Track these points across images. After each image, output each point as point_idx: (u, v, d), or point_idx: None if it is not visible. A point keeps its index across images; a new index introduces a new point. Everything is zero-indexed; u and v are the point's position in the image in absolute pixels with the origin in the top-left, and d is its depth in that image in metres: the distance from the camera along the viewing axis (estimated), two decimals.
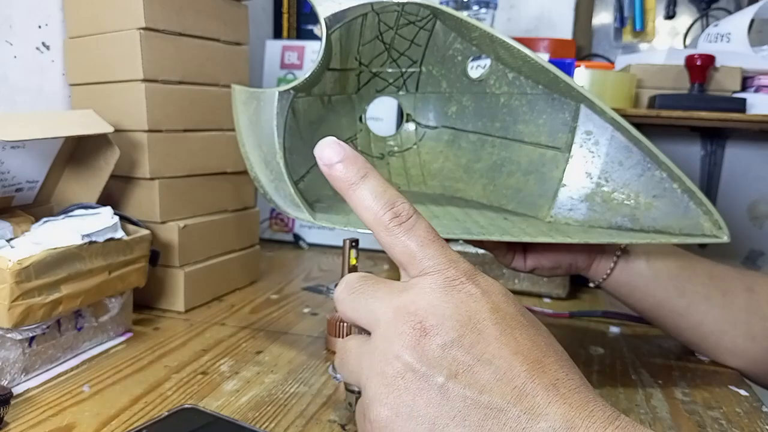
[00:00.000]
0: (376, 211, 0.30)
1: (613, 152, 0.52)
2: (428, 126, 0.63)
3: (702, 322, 0.55)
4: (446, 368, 0.26)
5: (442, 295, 0.28)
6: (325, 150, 0.31)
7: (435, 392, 0.26)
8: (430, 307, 0.28)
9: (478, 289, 0.28)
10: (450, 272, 0.28)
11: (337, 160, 0.30)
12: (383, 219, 0.29)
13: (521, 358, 0.27)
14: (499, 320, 0.28)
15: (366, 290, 0.30)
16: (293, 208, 0.48)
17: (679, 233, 0.50)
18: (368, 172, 0.30)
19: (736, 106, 0.92)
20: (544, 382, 0.26)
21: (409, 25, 0.56)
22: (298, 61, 1.05)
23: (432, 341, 0.27)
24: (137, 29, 0.62)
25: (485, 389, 0.26)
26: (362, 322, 0.30)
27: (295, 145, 0.53)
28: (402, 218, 0.29)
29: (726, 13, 1.27)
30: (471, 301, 0.28)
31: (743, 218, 1.27)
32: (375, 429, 0.28)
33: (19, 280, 0.45)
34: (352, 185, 0.30)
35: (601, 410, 0.26)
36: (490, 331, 0.27)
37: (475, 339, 0.27)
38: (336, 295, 0.32)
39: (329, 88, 0.58)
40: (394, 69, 0.61)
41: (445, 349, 0.27)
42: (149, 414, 0.44)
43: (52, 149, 0.60)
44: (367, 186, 0.30)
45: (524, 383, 0.26)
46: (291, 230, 1.04)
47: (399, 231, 0.29)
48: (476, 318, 0.27)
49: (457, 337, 0.27)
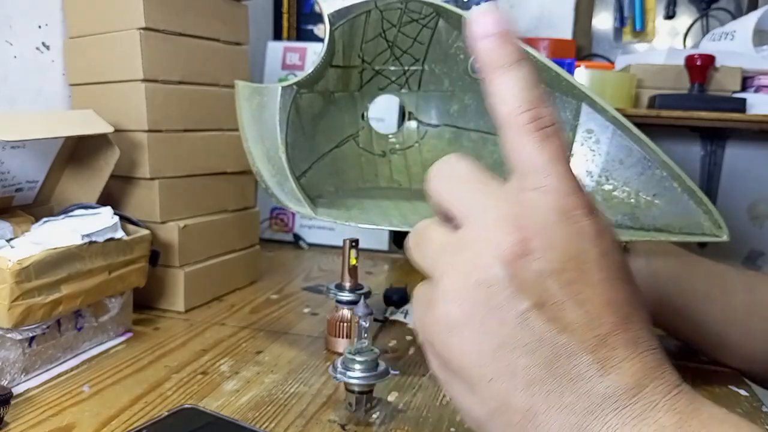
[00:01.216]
0: (517, 105, 0.26)
1: (613, 151, 0.52)
2: (430, 124, 0.63)
3: (701, 322, 0.54)
4: (536, 295, 0.25)
5: (557, 222, 0.26)
6: (481, 17, 0.27)
7: (514, 315, 0.25)
8: (542, 228, 0.25)
9: (594, 227, 0.26)
10: (571, 199, 0.26)
11: (494, 32, 0.26)
12: (522, 117, 0.26)
13: (613, 309, 0.26)
14: (605, 266, 0.26)
15: (475, 179, 0.28)
16: (295, 203, 0.49)
17: (678, 232, 0.50)
18: (524, 59, 0.26)
19: (736, 106, 0.92)
20: (626, 338, 0.25)
21: (412, 22, 0.56)
22: (299, 62, 1.05)
23: (531, 264, 0.25)
24: (137, 29, 0.62)
25: (567, 329, 0.25)
26: (457, 210, 0.28)
27: (298, 141, 0.53)
28: (542, 123, 0.26)
29: (726, 13, 1.27)
30: (584, 237, 0.26)
31: (743, 218, 1.27)
32: (440, 324, 0.26)
33: (19, 280, 0.45)
34: (502, 67, 0.26)
35: (671, 374, 0.26)
36: (592, 274, 0.26)
37: (576, 276, 0.25)
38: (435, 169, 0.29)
39: (332, 84, 0.58)
40: (396, 67, 0.61)
41: (541, 276, 0.25)
42: (149, 414, 0.44)
43: (52, 149, 0.60)
44: (518, 74, 0.26)
45: (608, 334, 0.25)
46: (291, 230, 1.04)
47: (534, 135, 0.26)
48: (583, 257, 0.26)
49: (559, 269, 0.25)
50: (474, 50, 0.27)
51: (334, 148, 0.60)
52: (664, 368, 0.26)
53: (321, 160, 0.57)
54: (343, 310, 0.57)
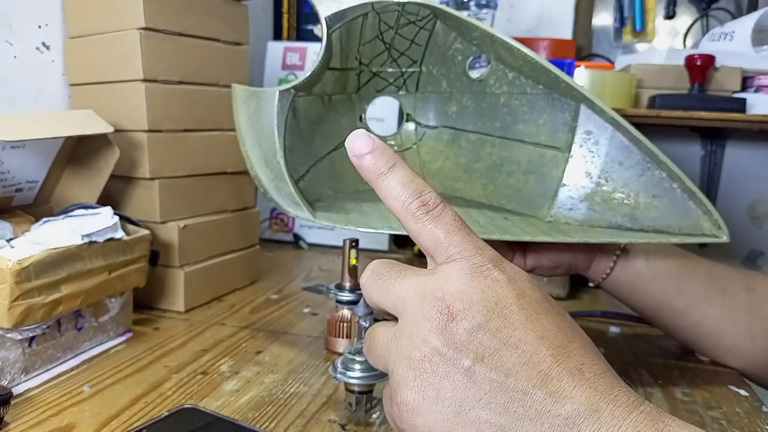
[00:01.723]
0: (404, 199, 0.30)
1: (613, 152, 0.52)
2: (428, 126, 0.63)
3: (701, 322, 0.55)
4: (473, 352, 0.27)
5: (469, 281, 0.28)
6: (355, 141, 0.31)
7: (462, 375, 0.27)
8: (457, 292, 0.28)
9: (504, 275, 0.29)
10: (477, 258, 0.29)
11: (367, 151, 0.30)
12: (411, 207, 0.30)
13: (547, 343, 0.27)
14: (525, 306, 0.28)
15: (393, 276, 0.30)
16: (293, 207, 0.48)
17: (678, 233, 0.50)
18: (396, 163, 0.30)
19: (736, 106, 0.92)
20: (569, 367, 0.27)
21: (409, 24, 0.56)
22: (299, 62, 1.05)
23: (459, 325, 0.27)
24: (137, 29, 0.62)
25: (511, 372, 0.26)
26: (389, 308, 0.30)
27: (296, 144, 0.53)
28: (429, 206, 0.30)
29: (726, 13, 1.27)
30: (497, 286, 0.28)
31: (743, 218, 1.27)
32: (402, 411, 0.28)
33: (19, 280, 0.45)
34: (381, 175, 0.30)
35: (625, 395, 0.27)
36: (516, 316, 0.27)
37: (502, 323, 0.27)
38: (363, 281, 0.32)
39: (329, 87, 0.58)
40: (394, 69, 0.61)
41: (471, 333, 0.27)
42: (149, 414, 0.44)
43: (52, 149, 0.60)
44: (395, 176, 0.30)
45: (550, 367, 0.26)
46: (291, 230, 1.04)
47: (426, 219, 0.30)
48: (502, 303, 0.28)
49: (484, 322, 0.27)
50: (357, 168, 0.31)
51: (332, 150, 0.60)
52: (618, 390, 0.27)
53: (319, 163, 0.57)
54: (343, 310, 0.57)
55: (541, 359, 0.27)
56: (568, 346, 0.27)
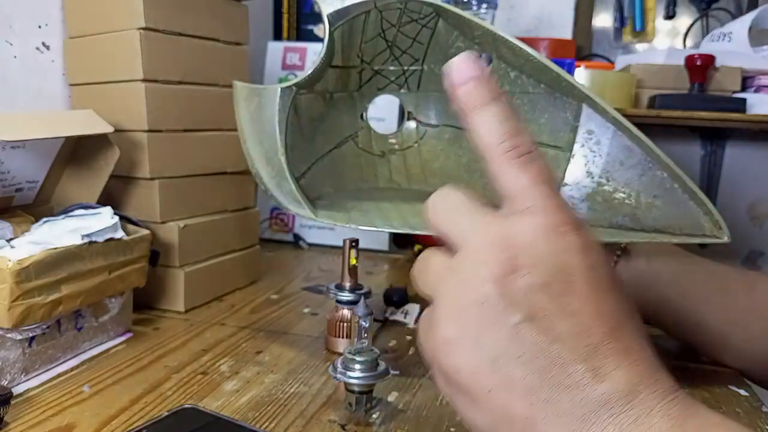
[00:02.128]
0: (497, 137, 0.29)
1: (614, 152, 0.52)
2: (429, 124, 0.63)
3: (702, 323, 0.54)
4: (526, 309, 0.26)
5: (543, 238, 0.27)
6: (459, 64, 0.30)
7: (507, 329, 0.26)
8: (527, 246, 0.27)
9: (580, 241, 0.28)
10: (556, 216, 0.28)
11: (471, 77, 0.29)
12: (502, 146, 0.28)
13: (602, 319, 0.27)
14: (592, 278, 0.27)
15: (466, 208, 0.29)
16: (294, 205, 0.48)
17: (679, 233, 0.50)
18: (498, 97, 0.29)
19: (736, 106, 0.92)
20: (617, 347, 0.26)
21: (411, 22, 0.56)
22: (299, 62, 1.05)
23: (519, 280, 0.26)
24: (137, 29, 0.62)
25: (558, 339, 0.26)
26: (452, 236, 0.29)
27: (297, 142, 0.53)
28: (521, 150, 0.28)
29: (726, 13, 1.27)
30: (570, 251, 0.27)
31: (743, 218, 1.27)
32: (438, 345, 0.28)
33: (19, 280, 0.45)
34: (479, 106, 0.29)
35: (665, 381, 0.26)
36: (580, 286, 0.27)
37: (564, 289, 0.26)
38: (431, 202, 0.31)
39: (331, 85, 0.58)
40: (396, 67, 0.61)
41: (529, 291, 0.26)
42: (149, 414, 0.44)
43: (52, 149, 0.60)
44: (494, 110, 0.29)
45: (598, 343, 0.26)
46: (291, 230, 1.04)
47: (515, 162, 0.28)
48: (570, 270, 0.27)
49: (546, 283, 0.26)
50: (453, 96, 0.30)
51: (334, 148, 0.59)
52: (659, 376, 0.27)
53: (320, 161, 0.57)
54: (343, 310, 0.57)
55: (592, 333, 0.26)
56: (621, 327, 0.27)
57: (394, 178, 0.62)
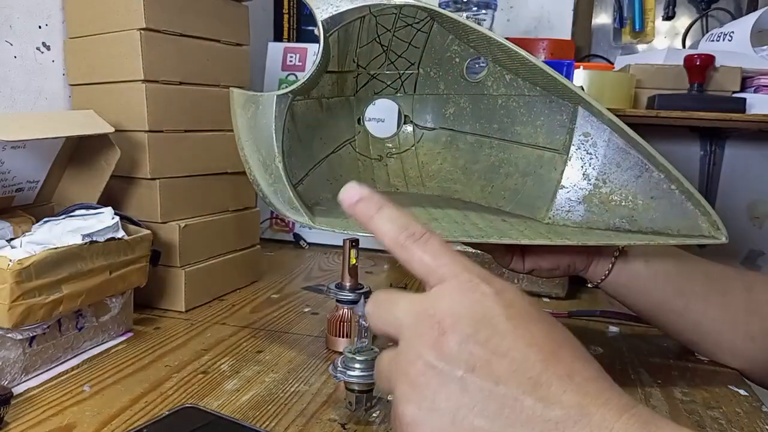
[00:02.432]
0: (393, 233, 0.33)
1: (610, 154, 0.52)
2: (426, 127, 0.63)
3: (700, 322, 0.55)
4: (464, 362, 0.28)
5: (458, 297, 0.30)
6: (347, 193, 0.34)
7: (455, 386, 0.28)
8: (447, 308, 0.29)
9: (492, 288, 0.30)
10: (464, 276, 0.30)
11: (357, 199, 0.33)
12: (399, 239, 0.32)
13: (536, 350, 0.28)
14: (514, 315, 0.29)
15: (391, 301, 0.32)
16: (292, 212, 0.48)
17: (677, 234, 0.50)
18: (384, 205, 0.33)
19: (735, 106, 0.92)
20: (558, 372, 0.28)
21: (406, 27, 0.56)
22: (300, 63, 1.05)
23: (450, 339, 0.28)
24: (138, 29, 0.62)
25: (501, 380, 0.28)
26: (390, 332, 0.32)
27: (294, 148, 0.53)
28: (416, 236, 0.32)
29: (725, 13, 1.27)
30: (485, 299, 0.29)
31: (743, 218, 1.27)
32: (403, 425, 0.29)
33: (19, 280, 0.45)
34: (372, 217, 0.33)
35: (617, 398, 0.27)
36: (504, 326, 0.29)
37: (490, 333, 0.28)
38: (365, 309, 0.34)
39: (327, 90, 0.58)
40: (391, 71, 0.61)
41: (462, 345, 0.28)
42: (150, 413, 0.45)
43: (53, 149, 0.60)
44: (383, 215, 0.33)
45: (539, 373, 0.27)
46: (291, 230, 1.04)
47: (414, 247, 0.32)
48: (490, 314, 0.29)
49: (473, 333, 0.28)
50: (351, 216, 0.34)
51: (331, 153, 0.60)
52: (609, 393, 0.28)
53: (318, 167, 0.58)
54: (344, 310, 0.57)
55: (530, 366, 0.28)
56: (557, 352, 0.28)
57: (392, 182, 0.62)
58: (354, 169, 0.61)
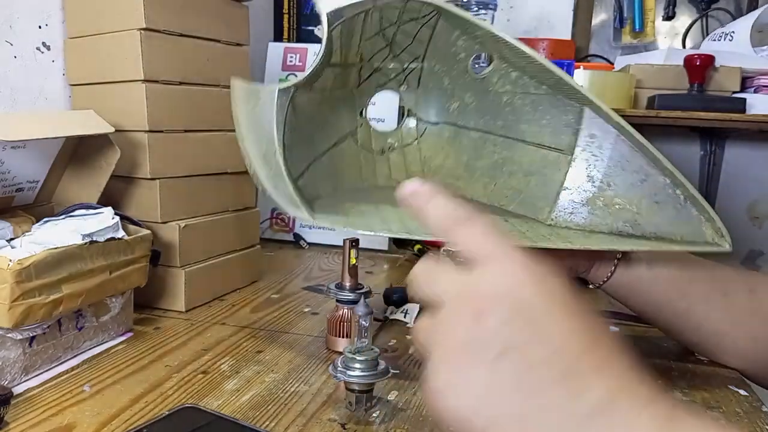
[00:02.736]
0: (445, 214, 0.34)
1: (616, 157, 0.51)
2: (429, 122, 0.63)
3: (702, 324, 0.55)
4: (500, 344, 0.29)
5: (501, 279, 0.30)
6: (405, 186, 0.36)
7: (486, 366, 0.29)
8: (488, 292, 0.30)
9: (534, 275, 0.31)
10: (509, 259, 0.31)
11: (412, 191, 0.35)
12: (451, 218, 0.33)
13: (577, 337, 0.29)
14: (554, 303, 0.30)
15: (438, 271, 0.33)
16: (292, 208, 0.47)
17: (680, 240, 0.49)
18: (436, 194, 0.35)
19: (735, 106, 0.92)
20: (592, 364, 0.28)
21: (411, 21, 0.56)
22: (300, 63, 1.05)
23: (488, 320, 0.29)
24: (138, 29, 0.62)
25: (534, 366, 0.28)
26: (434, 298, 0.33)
27: (295, 141, 0.53)
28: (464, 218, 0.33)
29: (725, 13, 1.27)
30: (526, 286, 0.30)
31: (743, 218, 1.27)
32: (432, 394, 0.30)
33: (19, 280, 0.45)
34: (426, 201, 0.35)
35: (647, 389, 0.28)
36: (542, 313, 0.29)
37: (529, 319, 0.29)
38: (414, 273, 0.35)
39: (330, 83, 0.57)
40: (395, 64, 0.61)
41: (499, 327, 0.29)
42: (150, 413, 0.44)
43: (53, 149, 0.60)
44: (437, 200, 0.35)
45: (573, 362, 0.28)
46: (291, 230, 1.04)
47: (462, 229, 0.33)
48: (530, 302, 0.30)
49: (511, 318, 0.29)
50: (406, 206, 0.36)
51: (332, 147, 0.59)
52: (639, 385, 0.28)
53: (319, 160, 0.57)
54: (344, 310, 0.57)
55: (565, 354, 0.28)
56: (596, 343, 0.29)
57: (394, 176, 0.62)
58: (355, 162, 0.61)
